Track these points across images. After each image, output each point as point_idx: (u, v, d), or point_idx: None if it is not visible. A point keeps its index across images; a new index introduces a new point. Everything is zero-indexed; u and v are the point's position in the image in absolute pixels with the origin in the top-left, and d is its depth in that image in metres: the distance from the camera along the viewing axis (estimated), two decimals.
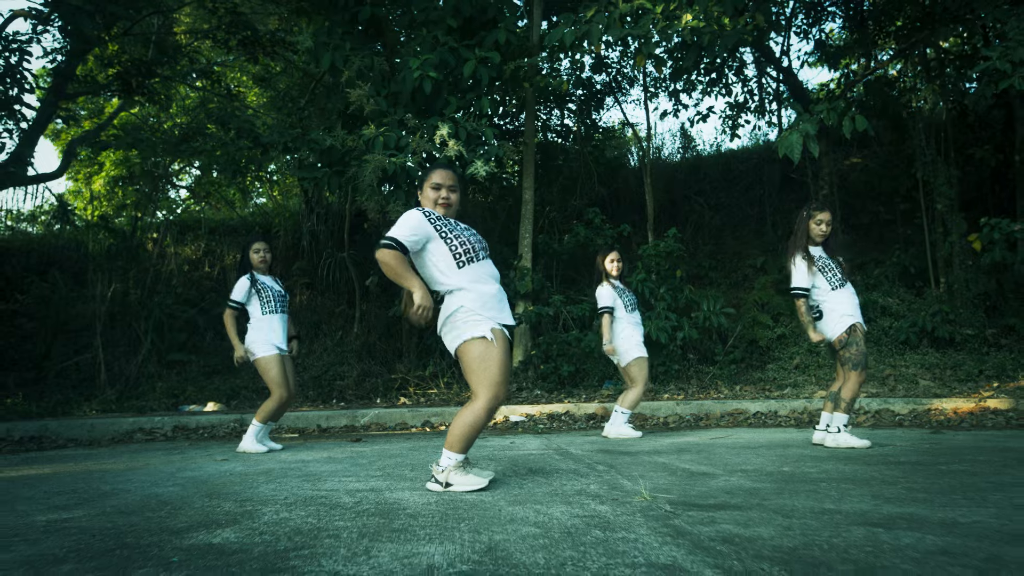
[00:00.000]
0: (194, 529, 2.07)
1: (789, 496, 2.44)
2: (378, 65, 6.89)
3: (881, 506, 2.22)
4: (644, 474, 3.08)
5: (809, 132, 6.21)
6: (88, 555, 1.78)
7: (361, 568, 1.59)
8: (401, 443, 4.91)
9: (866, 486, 2.63)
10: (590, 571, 1.52)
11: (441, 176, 2.89)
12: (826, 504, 2.28)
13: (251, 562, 1.66)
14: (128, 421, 6.19)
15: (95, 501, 2.65)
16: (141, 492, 2.86)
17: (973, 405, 5.92)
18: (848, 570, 1.50)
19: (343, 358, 9.38)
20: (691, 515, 2.14)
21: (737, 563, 1.57)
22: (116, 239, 10.07)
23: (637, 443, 4.59)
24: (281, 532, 2.00)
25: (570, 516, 2.15)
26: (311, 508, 2.39)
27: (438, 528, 2.00)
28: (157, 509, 2.44)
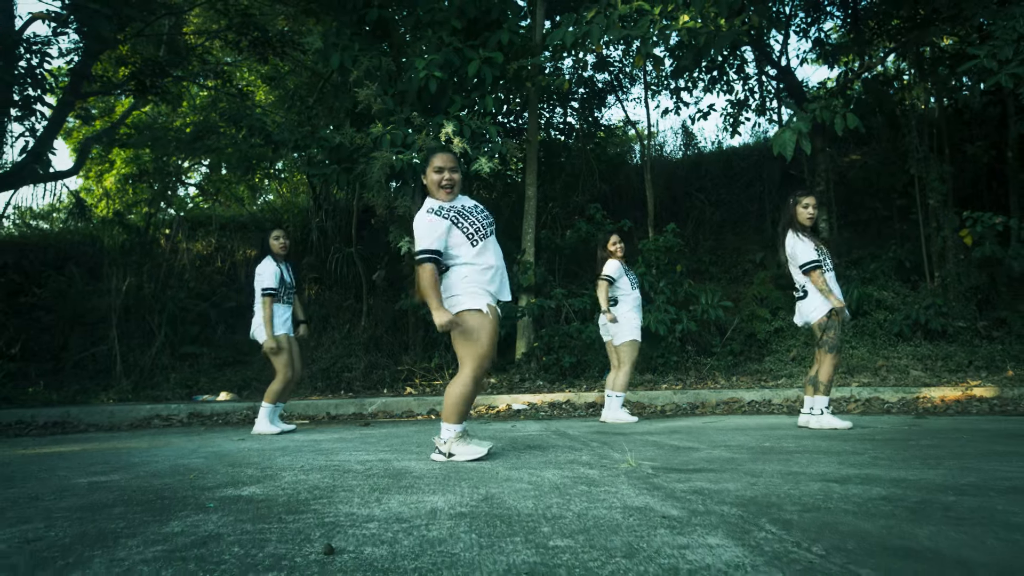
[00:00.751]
0: (223, 487, 2.31)
1: (762, 463, 2.67)
2: (385, 65, 7.13)
3: (842, 469, 2.44)
4: (633, 448, 3.31)
5: (802, 130, 6.41)
6: (133, 503, 2.03)
7: (373, 511, 1.83)
8: (408, 427, 5.16)
9: (835, 456, 2.85)
10: (572, 511, 1.76)
11: (442, 159, 3.07)
12: (793, 468, 2.50)
13: (277, 507, 1.90)
14: (145, 408, 6.46)
15: (128, 468, 2.90)
16: (169, 462, 3.11)
17: (960, 393, 6.12)
18: (795, 510, 1.73)
19: (351, 350, 9.64)
20: (669, 476, 2.37)
21: (700, 506, 1.80)
22: (130, 235, 10.36)
23: (632, 426, 4.82)
24: (301, 488, 2.24)
25: (560, 477, 2.38)
26: (326, 473, 2.63)
27: (441, 484, 2.24)
28: (186, 474, 2.69)
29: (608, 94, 11.76)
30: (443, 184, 3.05)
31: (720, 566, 1.21)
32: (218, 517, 1.77)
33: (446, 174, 3.06)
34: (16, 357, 8.56)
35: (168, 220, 12.06)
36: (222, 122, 9.03)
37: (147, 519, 1.77)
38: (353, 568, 1.24)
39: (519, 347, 8.79)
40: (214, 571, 1.25)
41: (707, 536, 1.44)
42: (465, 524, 1.62)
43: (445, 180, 3.05)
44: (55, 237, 11.39)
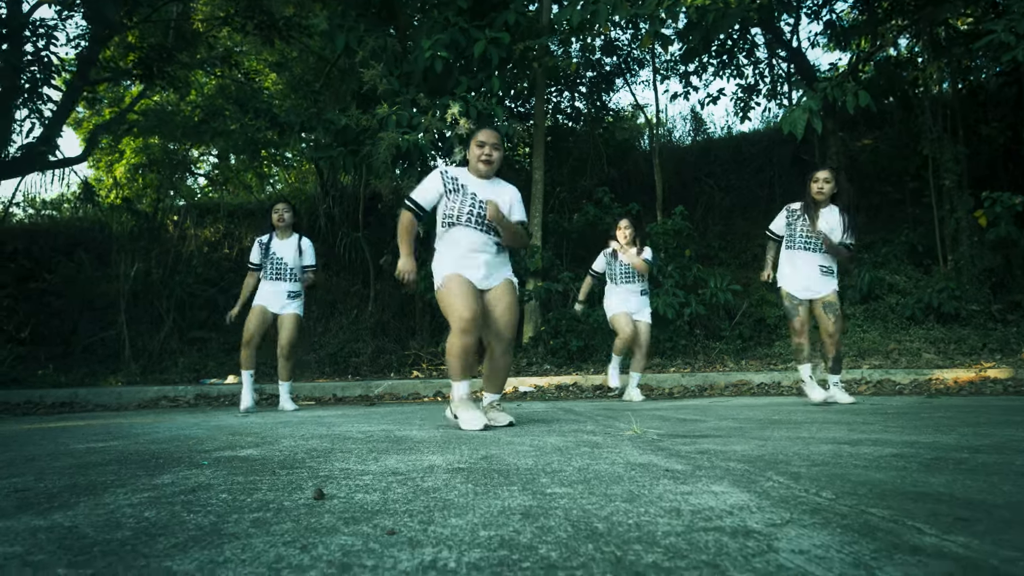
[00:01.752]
0: (220, 450, 2.28)
1: (771, 431, 2.61)
2: (391, 46, 7.07)
3: (853, 434, 2.38)
4: (640, 421, 3.26)
5: (812, 108, 6.30)
6: (127, 462, 2.00)
7: (369, 467, 1.79)
8: (413, 407, 5.13)
9: (845, 425, 2.79)
10: (573, 466, 1.71)
11: (486, 135, 3.14)
12: (802, 433, 2.44)
13: (272, 464, 1.87)
14: (153, 390, 6.47)
15: (129, 437, 2.89)
16: (170, 432, 3.09)
17: (973, 375, 6.01)
18: (803, 464, 1.67)
19: (358, 335, 9.63)
20: (675, 440, 2.32)
21: (706, 463, 1.74)
22: (139, 221, 10.38)
23: (641, 404, 4.77)
24: (299, 450, 2.21)
25: (563, 441, 2.33)
26: (326, 439, 2.60)
27: (441, 447, 2.20)
28: (185, 440, 2.66)
29: (616, 77, 11.64)
30: (481, 158, 3.12)
31: (724, 508, 1.16)
32: (211, 472, 1.74)
33: (487, 148, 3.13)
34: (26, 341, 8.61)
35: (176, 207, 12.09)
36: (228, 105, 9.00)
37: (139, 473, 1.74)
38: (342, 511, 1.20)
39: (526, 331, 8.75)
40: (199, 512, 1.21)
41: (711, 485, 1.39)
42: (461, 476, 1.57)
43: (484, 155, 3.12)
44: (65, 223, 11.44)
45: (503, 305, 3.10)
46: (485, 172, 3.13)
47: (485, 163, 3.11)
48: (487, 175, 3.16)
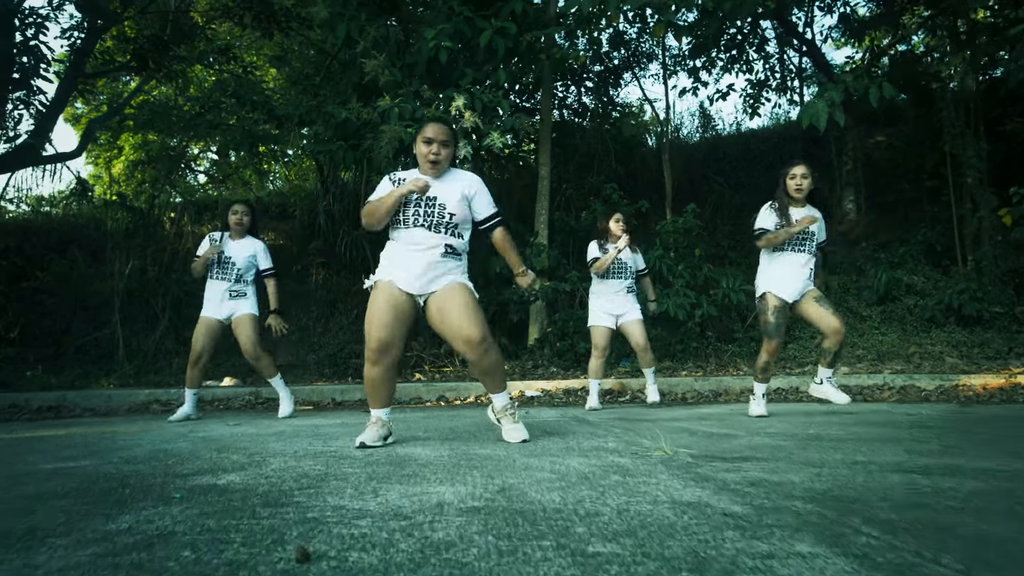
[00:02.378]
0: (200, 474, 2.01)
1: (816, 451, 2.34)
2: (393, 35, 6.79)
3: (914, 458, 2.11)
4: (663, 435, 2.99)
5: (835, 100, 6.02)
6: (88, 493, 1.73)
7: (367, 503, 1.52)
8: (415, 414, 4.86)
9: (896, 444, 2.52)
10: (610, 506, 1.44)
11: (433, 131, 2.81)
12: (857, 457, 2.17)
13: (254, 498, 1.60)
14: (144, 393, 6.21)
15: (104, 453, 2.62)
16: (151, 447, 2.82)
17: (1003, 381, 5.73)
18: (887, 506, 1.40)
19: (359, 336, 9.32)
20: (714, 465, 2.05)
21: (766, 501, 1.47)
22: (134, 217, 10.11)
23: (656, 412, 4.49)
24: (288, 476, 1.94)
25: (587, 465, 2.06)
26: (320, 459, 2.33)
27: (449, 473, 1.93)
28: (164, 459, 2.39)
29: (625, 72, 11.36)
30: (429, 158, 2.79)
31: None
32: (180, 511, 1.47)
33: (434, 147, 2.78)
34: (15, 341, 8.34)
35: (173, 204, 11.82)
36: (224, 97, 8.73)
37: (95, 512, 1.47)
38: None
39: (532, 332, 8.48)
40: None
41: (792, 541, 1.12)
42: (479, 522, 1.30)
43: (432, 154, 2.78)
44: (58, 220, 11.17)
45: (456, 304, 2.75)
46: (433, 174, 2.83)
47: (432, 164, 2.79)
48: (436, 175, 2.84)
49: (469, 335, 2.71)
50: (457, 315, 2.73)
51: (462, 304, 2.75)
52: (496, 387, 2.93)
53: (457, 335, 2.74)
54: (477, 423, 3.80)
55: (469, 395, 6.42)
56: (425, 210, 2.77)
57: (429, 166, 2.80)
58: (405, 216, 2.78)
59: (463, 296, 2.77)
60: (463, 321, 2.72)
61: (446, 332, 2.78)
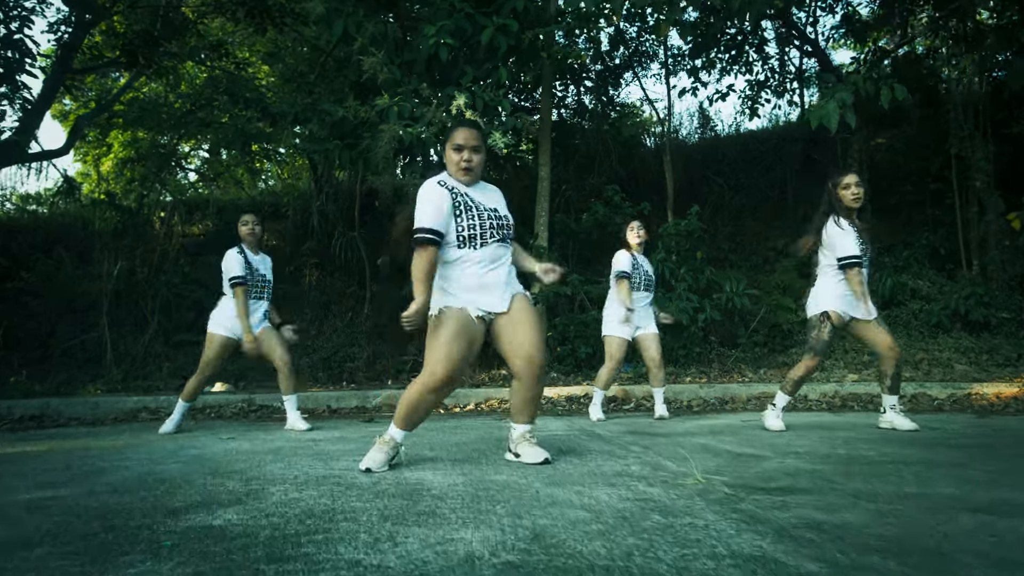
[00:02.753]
0: (193, 509, 1.82)
1: (859, 479, 2.17)
2: (392, 32, 6.59)
3: (971, 490, 1.95)
4: (685, 455, 2.82)
5: (846, 101, 5.87)
6: (66, 538, 1.54)
7: (386, 557, 1.33)
8: None
9: (937, 468, 2.36)
10: (665, 563, 1.26)
11: (463, 136, 2.61)
12: (907, 488, 2.00)
13: (255, 548, 1.41)
14: (132, 400, 5.99)
15: (87, 478, 2.42)
16: (138, 470, 2.62)
17: (1017, 390, 5.61)
18: (982, 564, 1.23)
19: (353, 339, 9.15)
20: (758, 499, 1.87)
21: (841, 555, 1.30)
22: (123, 217, 9.86)
23: (667, 424, 4.32)
24: (291, 514, 1.75)
25: (619, 499, 1.89)
26: (324, 488, 2.14)
27: (471, 511, 1.75)
28: (153, 488, 2.20)
29: (625, 71, 11.19)
30: (462, 165, 2.60)
31: None
32: (171, 568, 1.28)
33: (466, 153, 2.60)
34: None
35: (163, 203, 11.56)
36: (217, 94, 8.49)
37: (71, 571, 1.27)
38: None
39: None
40: None
41: None
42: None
43: (464, 160, 2.59)
44: (44, 219, 10.89)
45: (528, 323, 2.63)
46: (467, 181, 2.64)
47: (466, 171, 2.61)
48: (470, 183, 2.67)
49: (538, 357, 2.60)
50: (528, 330, 2.63)
51: (534, 322, 2.66)
52: (529, 416, 2.75)
53: (526, 352, 2.58)
54: (483, 437, 3.62)
55: (469, 402, 6.24)
56: (492, 223, 2.60)
57: (462, 174, 2.61)
58: (482, 234, 2.57)
59: (534, 312, 2.71)
60: (534, 340, 2.61)
61: (511, 346, 2.60)
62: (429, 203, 2.55)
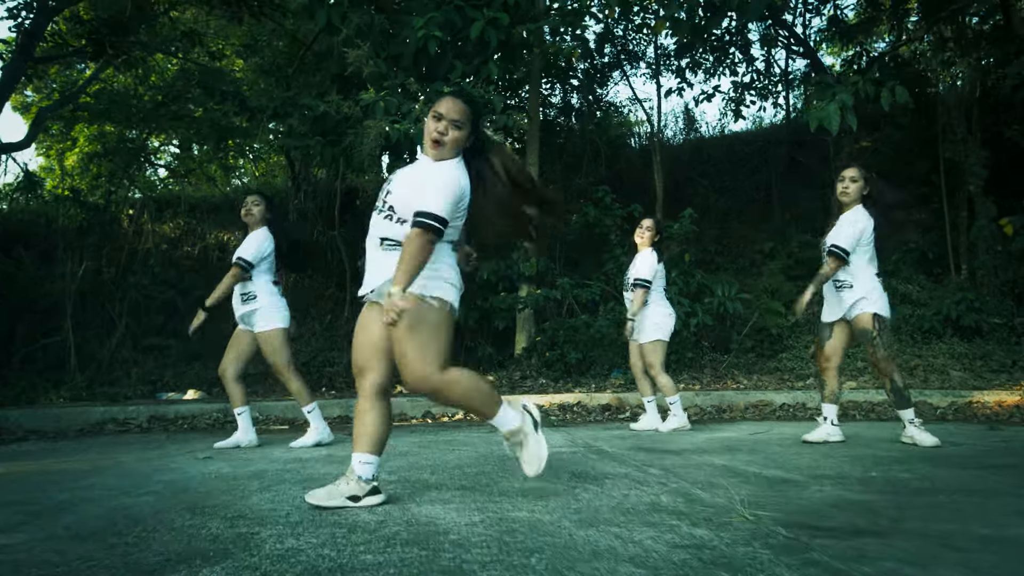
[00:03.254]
0: (171, 567, 1.54)
1: (921, 515, 1.96)
2: (379, 23, 6.29)
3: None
4: (712, 480, 2.60)
5: (846, 103, 5.74)
6: None
7: None
8: (405, 437, 4.39)
9: (996, 499, 2.17)
10: None
11: (446, 106, 2.31)
12: (977, 527, 1.80)
13: None
14: (99, 411, 5.60)
15: (46, 517, 2.11)
16: (106, 503, 2.31)
17: (1018, 398, 5.53)
18: None
19: (333, 343, 8.82)
20: (825, 544, 1.65)
21: None
22: (88, 214, 9.38)
23: (677, 439, 4.11)
24: (291, 573, 1.47)
25: (667, 546, 1.65)
26: (324, 531, 1.87)
27: (503, 566, 1.49)
28: (124, 531, 1.90)
29: (613, 70, 11.00)
30: (433, 135, 2.29)
31: None
32: None
33: (442, 124, 2.28)
34: None
35: (132, 200, 11.06)
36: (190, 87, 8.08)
37: None
38: None
39: (519, 341, 8.06)
40: None
41: None
42: None
43: (437, 130, 2.28)
44: (2, 216, 10.33)
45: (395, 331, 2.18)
46: (434, 155, 2.32)
47: (435, 143, 2.30)
48: (437, 157, 2.32)
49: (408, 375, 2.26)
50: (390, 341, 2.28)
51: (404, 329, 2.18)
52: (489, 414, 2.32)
53: None
54: (483, 455, 3.37)
55: (457, 411, 5.97)
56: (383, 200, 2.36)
57: (431, 145, 2.30)
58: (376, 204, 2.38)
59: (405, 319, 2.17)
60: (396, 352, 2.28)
61: None
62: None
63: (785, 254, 10.17)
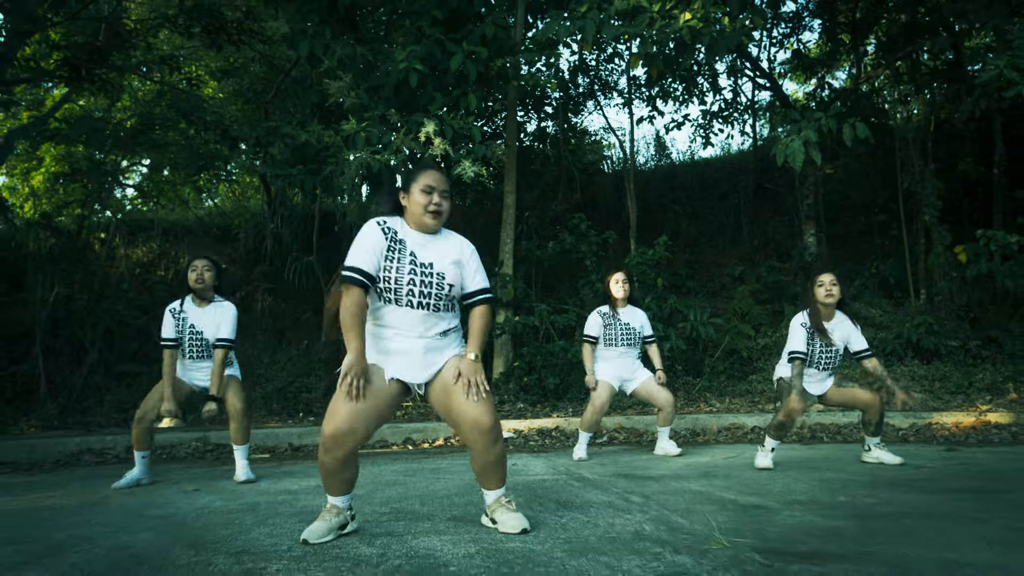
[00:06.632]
0: None
1: (884, 540, 2.12)
2: (361, 55, 6.43)
3: (1005, 553, 1.92)
4: (691, 507, 2.74)
5: (811, 139, 6.03)
6: None
7: None
8: (389, 465, 4.46)
9: (954, 523, 2.34)
10: None
11: (434, 178, 2.41)
12: (939, 552, 1.96)
13: None
14: (75, 441, 5.55)
15: (49, 557, 2.15)
16: (106, 542, 2.35)
17: (974, 419, 5.80)
18: None
19: (310, 369, 8.82)
20: (798, 570, 1.79)
21: None
22: (59, 239, 9.27)
23: (650, 464, 4.25)
24: None
25: (653, 574, 1.78)
26: (327, 565, 1.95)
27: None
28: (132, 569, 1.96)
29: (588, 99, 11.30)
30: (430, 208, 2.39)
31: None
32: None
33: (435, 197, 2.39)
34: None
35: (103, 223, 10.95)
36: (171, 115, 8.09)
37: None
38: None
39: (496, 366, 8.17)
40: None
41: None
42: None
43: (433, 204, 2.39)
44: None
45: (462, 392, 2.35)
46: (433, 227, 2.43)
47: (434, 215, 2.40)
48: (434, 230, 2.45)
49: (485, 421, 2.31)
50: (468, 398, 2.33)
51: None
52: (498, 482, 2.45)
53: (469, 420, 2.32)
54: (468, 485, 3.46)
55: (437, 437, 6.05)
56: (413, 285, 2.35)
57: (430, 219, 2.39)
58: (396, 291, 2.34)
59: (472, 369, 2.37)
60: (476, 407, 2.31)
61: (453, 414, 2.36)
62: (362, 242, 2.36)
63: (754, 278, 10.48)
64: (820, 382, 4.05)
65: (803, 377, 3.94)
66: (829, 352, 3.93)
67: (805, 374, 3.97)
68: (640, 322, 4.85)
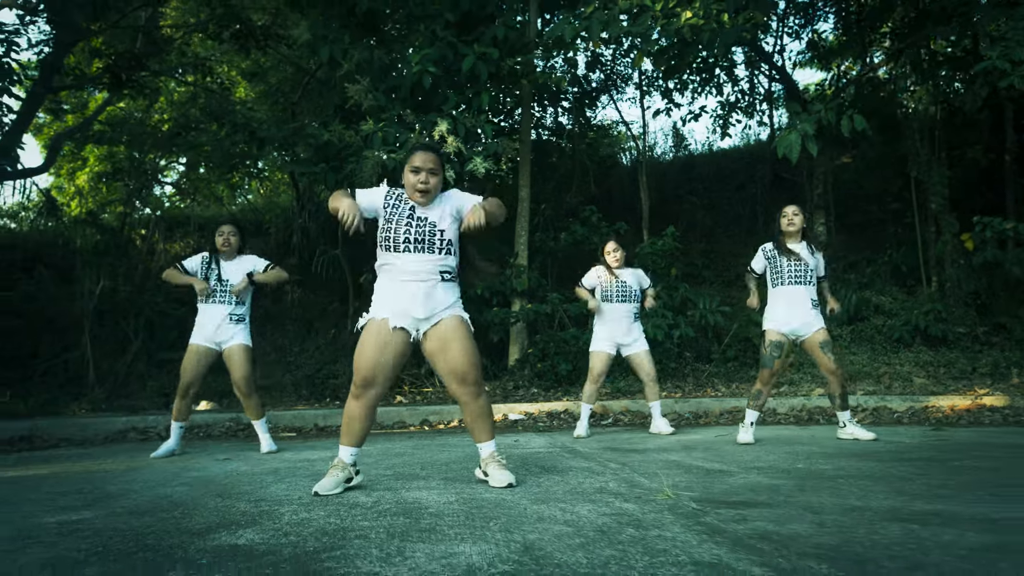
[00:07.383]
0: (214, 530, 2.01)
1: (812, 493, 2.43)
2: (378, 58, 6.81)
3: (909, 503, 2.21)
4: (659, 471, 3.06)
5: (808, 132, 6.23)
6: (110, 557, 1.72)
7: (399, 569, 1.54)
8: (403, 441, 4.86)
9: (884, 482, 2.63)
10: (636, 570, 1.49)
11: (421, 159, 2.75)
12: (851, 501, 2.26)
13: (283, 564, 1.62)
14: (121, 420, 6.08)
15: (103, 502, 2.58)
16: (149, 492, 2.78)
17: (970, 403, 5.97)
18: (898, 567, 1.48)
19: (336, 356, 9.29)
20: (720, 512, 2.12)
21: (783, 560, 1.54)
22: (104, 235, 9.90)
23: (643, 440, 4.57)
24: (306, 532, 1.95)
25: (598, 515, 2.12)
26: (330, 508, 2.34)
27: (467, 528, 1.96)
28: (170, 510, 2.38)
29: (601, 94, 11.53)
30: (418, 187, 2.74)
31: None
32: None
33: (423, 175, 2.73)
34: None
35: (144, 220, 11.60)
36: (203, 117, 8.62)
37: None
38: None
39: (512, 353, 8.53)
40: None
41: None
42: None
43: (420, 183, 2.73)
44: (23, 237, 10.86)
45: (457, 347, 2.73)
46: (423, 202, 2.76)
47: (422, 192, 2.73)
48: (425, 204, 2.78)
49: (470, 376, 2.74)
50: (457, 355, 2.73)
51: (464, 348, 2.74)
52: (487, 433, 2.84)
53: (455, 373, 2.73)
54: (470, 456, 3.83)
55: (452, 419, 6.44)
56: (416, 233, 2.73)
57: (419, 195, 2.75)
58: (395, 239, 2.72)
59: (464, 337, 2.76)
60: (462, 362, 2.72)
61: (441, 365, 2.76)
62: (372, 190, 2.86)
63: None
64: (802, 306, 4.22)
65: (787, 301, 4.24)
66: (798, 266, 4.25)
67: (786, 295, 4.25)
68: (637, 280, 5.22)
